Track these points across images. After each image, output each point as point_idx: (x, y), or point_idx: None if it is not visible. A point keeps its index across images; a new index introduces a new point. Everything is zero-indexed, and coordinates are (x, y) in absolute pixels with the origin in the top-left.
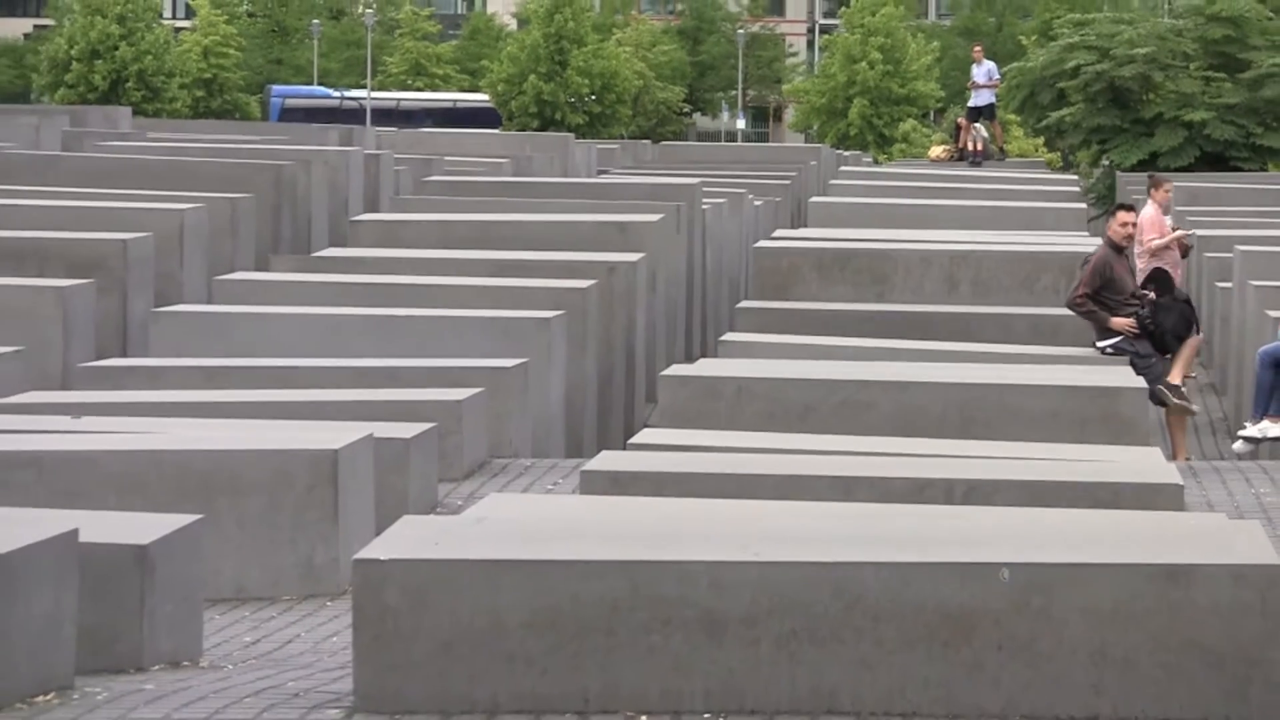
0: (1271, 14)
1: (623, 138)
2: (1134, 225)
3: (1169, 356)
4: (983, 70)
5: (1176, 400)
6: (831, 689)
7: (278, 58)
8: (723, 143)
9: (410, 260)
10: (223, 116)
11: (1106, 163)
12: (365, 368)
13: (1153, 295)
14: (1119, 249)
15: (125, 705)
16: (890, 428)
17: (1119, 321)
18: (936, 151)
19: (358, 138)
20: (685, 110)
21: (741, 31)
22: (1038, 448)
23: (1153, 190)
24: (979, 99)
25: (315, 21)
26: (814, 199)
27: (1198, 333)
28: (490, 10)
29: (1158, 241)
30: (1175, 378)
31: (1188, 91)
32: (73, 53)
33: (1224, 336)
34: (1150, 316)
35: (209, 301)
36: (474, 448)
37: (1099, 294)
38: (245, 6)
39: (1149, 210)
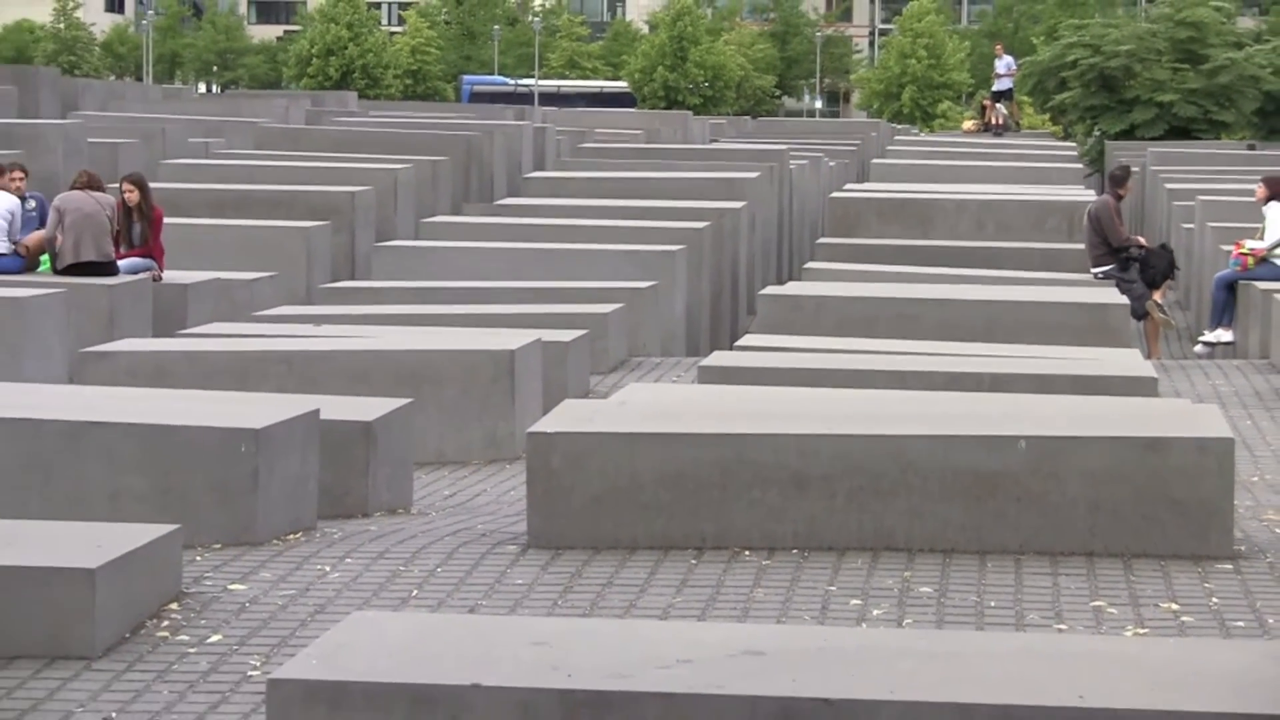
0: (1225, 19)
1: (729, 115)
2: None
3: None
4: (1003, 63)
5: (1161, 315)
6: (889, 531)
7: (467, 54)
8: (804, 119)
9: (569, 207)
10: (426, 99)
11: (1097, 133)
12: (535, 288)
13: (1145, 243)
14: (1119, 199)
15: (354, 542)
16: (934, 334)
17: (1140, 240)
18: (968, 125)
19: (528, 115)
20: (776, 94)
21: (819, 34)
22: (1046, 349)
23: None
24: (1000, 85)
25: (496, 27)
26: (875, 161)
27: (1177, 275)
28: (628, 18)
29: None
30: (1158, 298)
31: (1160, 79)
32: (313, 51)
33: (1188, 265)
34: (1144, 259)
35: (416, 238)
36: (617, 349)
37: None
38: (443, 16)
39: None
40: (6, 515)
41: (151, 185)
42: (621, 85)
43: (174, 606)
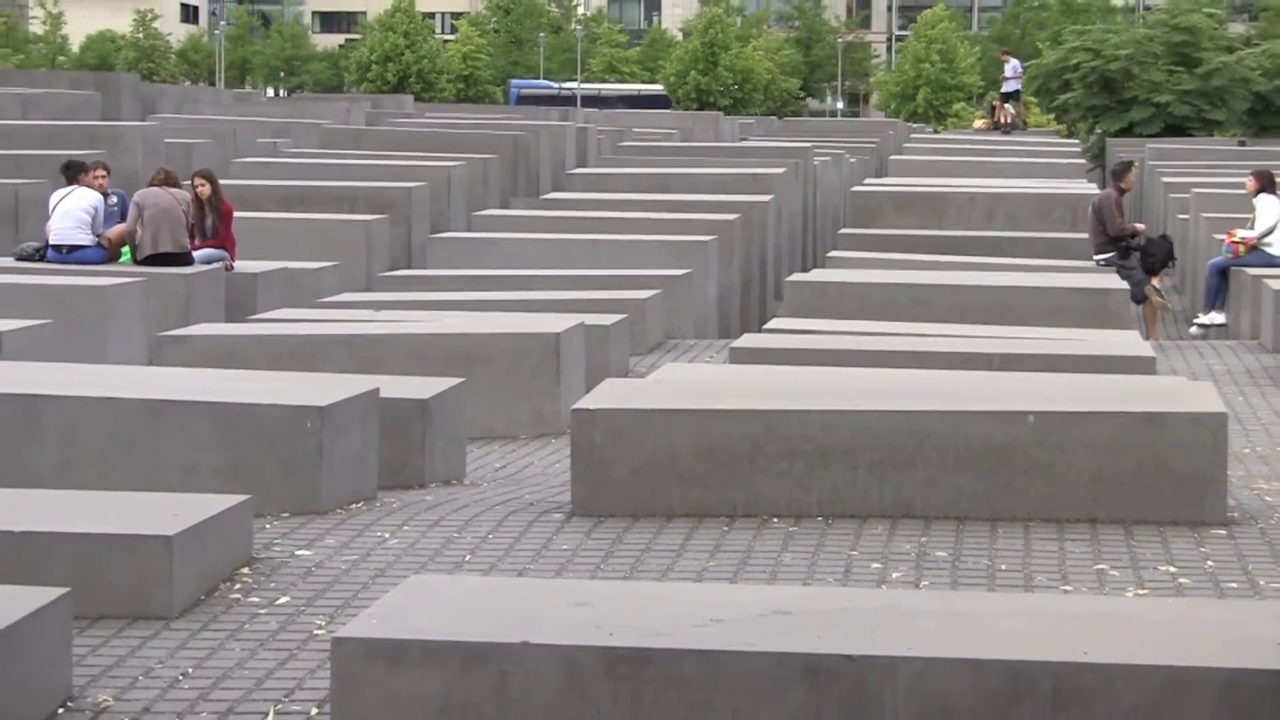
0: (1217, 25)
1: (757, 115)
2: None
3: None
4: (1011, 66)
5: (1159, 299)
6: (907, 500)
7: (515, 60)
8: (827, 118)
9: (609, 201)
10: (477, 101)
11: (1098, 131)
12: (578, 275)
13: (1144, 231)
14: (1122, 192)
15: (412, 510)
16: (947, 317)
17: (1140, 226)
18: (978, 124)
19: (572, 116)
20: (801, 96)
21: (840, 40)
22: (1051, 331)
23: None
24: (1008, 87)
25: (541, 35)
26: (892, 157)
27: (1174, 263)
28: (664, 26)
29: None
30: (1157, 284)
31: (1157, 80)
32: (372, 58)
33: (1183, 253)
34: (1145, 248)
35: (468, 230)
36: (654, 331)
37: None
38: (492, 25)
39: None
40: (92, 487)
41: (223, 182)
42: (657, 88)
43: (245, 570)
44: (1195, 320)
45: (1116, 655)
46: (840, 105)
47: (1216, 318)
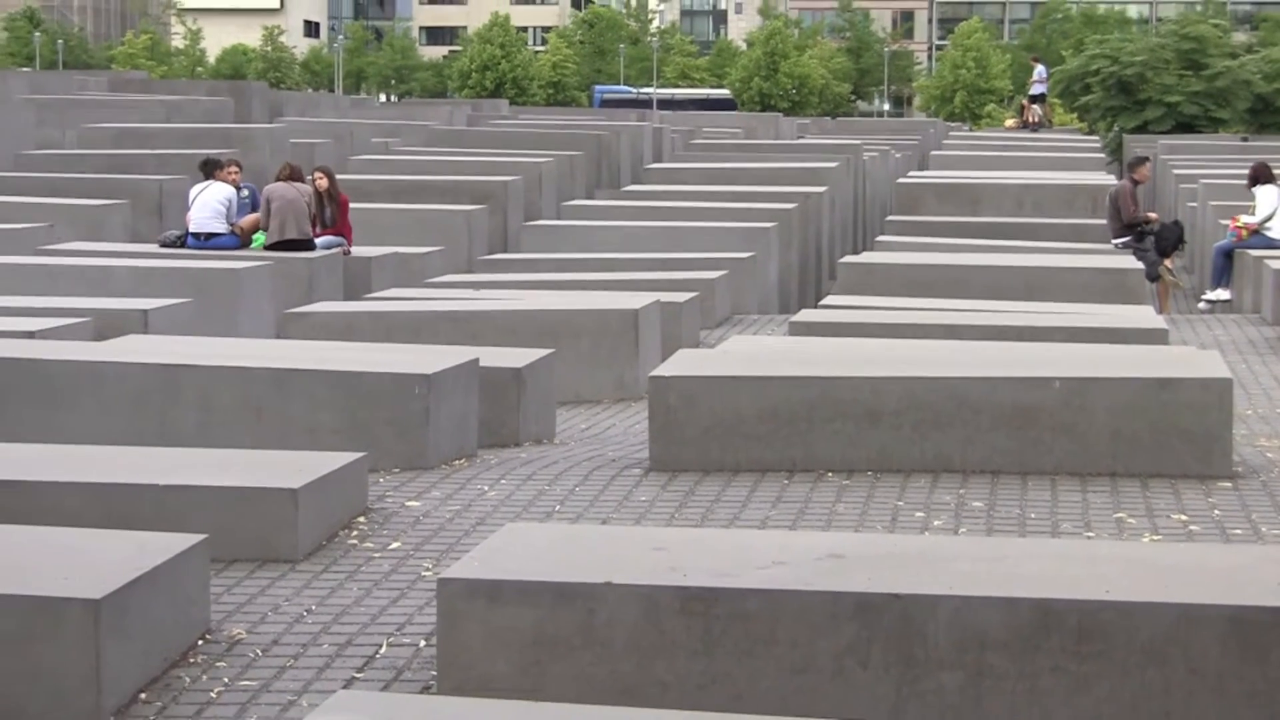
0: (1222, 34)
1: (813, 116)
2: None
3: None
4: (1038, 71)
5: (1171, 278)
6: (947, 456)
7: (598, 68)
8: (875, 119)
9: (683, 192)
10: (565, 105)
11: (1116, 129)
12: (655, 258)
13: (1155, 219)
14: (1136, 184)
15: (508, 466)
16: (982, 294)
17: (1152, 215)
18: (1009, 123)
19: (649, 118)
20: (851, 99)
21: (887, 49)
22: (1074, 306)
23: None
24: (1036, 89)
25: (621, 46)
26: (933, 152)
27: (1184, 246)
28: (730, 37)
29: None
30: (1169, 264)
31: (1168, 83)
32: (472, 67)
33: (1192, 237)
34: (1158, 232)
35: (558, 218)
36: (722, 308)
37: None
38: (578, 37)
39: None
40: (226, 446)
41: (340, 177)
42: (724, 92)
43: (361, 519)
44: (1203, 297)
45: (1134, 594)
46: (886, 107)
47: (1222, 294)
